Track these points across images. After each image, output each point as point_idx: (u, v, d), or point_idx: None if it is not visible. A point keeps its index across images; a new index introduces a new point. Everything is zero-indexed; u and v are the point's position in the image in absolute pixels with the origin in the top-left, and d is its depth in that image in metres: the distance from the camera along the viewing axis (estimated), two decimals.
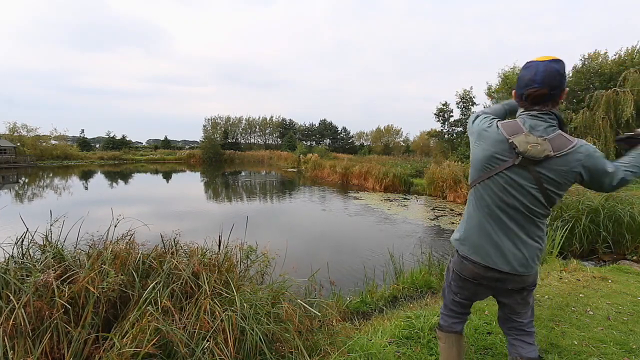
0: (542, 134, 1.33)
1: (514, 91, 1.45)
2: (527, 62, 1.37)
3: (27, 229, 2.45)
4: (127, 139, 56.01)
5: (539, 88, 1.32)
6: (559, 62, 1.32)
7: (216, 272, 2.42)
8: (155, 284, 2.11)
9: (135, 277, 2.16)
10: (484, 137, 1.44)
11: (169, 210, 11.94)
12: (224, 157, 50.09)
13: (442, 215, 11.17)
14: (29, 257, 2.36)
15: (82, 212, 3.26)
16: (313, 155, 33.96)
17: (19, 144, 41.46)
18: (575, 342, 2.56)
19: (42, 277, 1.88)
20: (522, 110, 1.43)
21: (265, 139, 69.21)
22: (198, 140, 62.35)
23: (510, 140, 1.35)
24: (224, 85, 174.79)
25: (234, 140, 62.91)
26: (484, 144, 1.43)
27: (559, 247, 5.32)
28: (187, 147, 68.07)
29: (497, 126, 1.41)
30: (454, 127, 27.49)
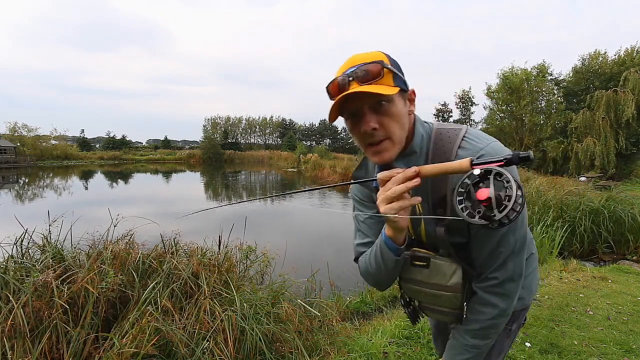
0: None
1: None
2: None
3: (26, 229, 2.45)
4: (127, 139, 56.09)
5: None
6: None
7: (216, 272, 2.42)
8: (155, 284, 2.11)
9: (135, 277, 2.15)
10: None
11: (169, 210, 11.93)
12: (224, 157, 50.10)
13: None
14: (28, 257, 2.36)
15: (82, 212, 3.26)
16: (313, 155, 33.96)
17: (19, 144, 41.51)
18: (575, 342, 2.56)
19: (41, 277, 1.88)
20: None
21: (265, 139, 69.27)
22: (198, 140, 62.59)
23: None
24: (225, 85, 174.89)
25: (233, 140, 62.93)
26: None
27: (559, 247, 5.31)
28: (187, 147, 68.20)
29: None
30: None
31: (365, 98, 0.75)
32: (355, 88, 0.75)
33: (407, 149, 0.85)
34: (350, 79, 0.76)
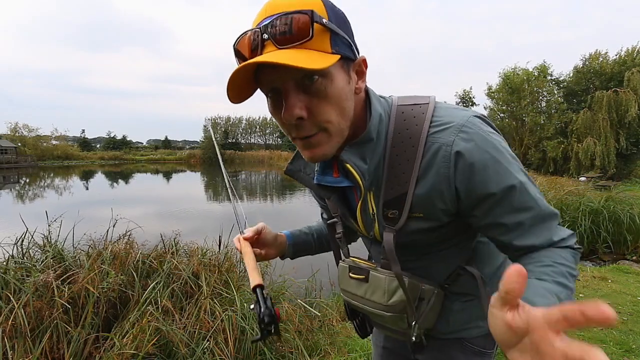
0: None
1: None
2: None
3: (27, 229, 2.46)
4: (128, 139, 56.25)
5: None
6: None
7: (216, 272, 2.43)
8: (156, 284, 2.12)
9: (135, 277, 2.16)
10: None
11: (169, 210, 11.94)
12: (224, 157, 50.07)
13: None
14: (29, 257, 2.37)
15: (83, 213, 3.27)
16: None
17: (20, 144, 41.61)
18: None
19: (41, 277, 1.88)
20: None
21: (265, 139, 69.38)
22: (198, 141, 62.62)
23: None
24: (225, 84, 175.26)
25: (234, 140, 63.08)
26: None
27: None
28: (187, 147, 68.31)
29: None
30: None
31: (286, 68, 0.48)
32: (269, 52, 0.49)
33: (360, 136, 0.60)
34: (265, 36, 0.49)
